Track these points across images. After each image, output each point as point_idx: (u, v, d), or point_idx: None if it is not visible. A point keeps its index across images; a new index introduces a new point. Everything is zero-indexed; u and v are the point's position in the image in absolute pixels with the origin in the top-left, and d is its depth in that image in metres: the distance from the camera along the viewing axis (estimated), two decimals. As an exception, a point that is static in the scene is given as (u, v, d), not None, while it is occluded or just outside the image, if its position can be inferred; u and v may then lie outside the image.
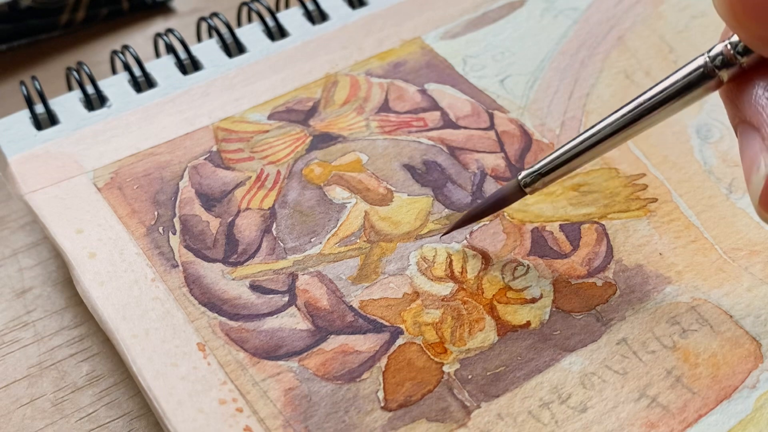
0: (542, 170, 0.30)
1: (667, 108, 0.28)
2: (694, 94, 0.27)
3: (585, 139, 0.29)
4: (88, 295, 0.31)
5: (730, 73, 0.26)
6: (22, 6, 0.45)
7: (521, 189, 0.31)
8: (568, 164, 0.30)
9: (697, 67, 0.27)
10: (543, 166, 0.30)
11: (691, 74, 0.27)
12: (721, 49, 0.26)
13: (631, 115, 0.28)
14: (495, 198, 0.32)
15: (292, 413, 0.28)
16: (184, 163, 0.35)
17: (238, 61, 0.39)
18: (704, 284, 0.32)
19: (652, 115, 0.28)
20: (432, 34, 0.41)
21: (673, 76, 0.27)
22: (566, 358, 0.30)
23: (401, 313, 0.31)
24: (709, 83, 0.27)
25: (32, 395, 0.32)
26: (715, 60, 0.26)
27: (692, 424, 0.28)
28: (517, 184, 0.31)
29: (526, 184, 0.31)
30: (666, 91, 0.27)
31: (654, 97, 0.28)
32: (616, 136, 0.29)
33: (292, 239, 0.33)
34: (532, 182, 0.31)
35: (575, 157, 0.30)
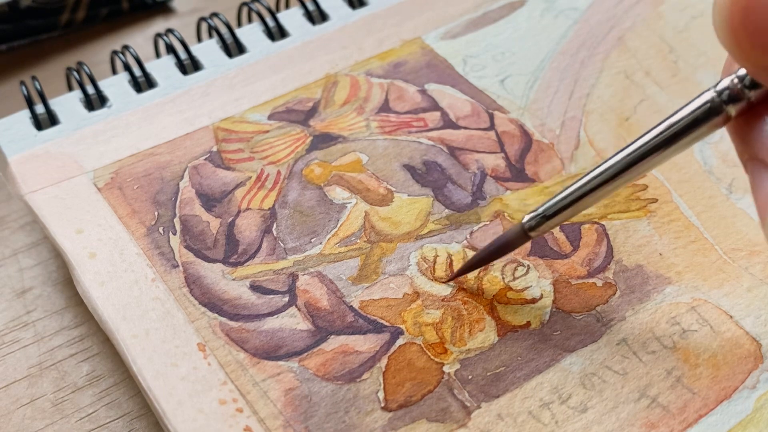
0: (547, 213, 0.29)
1: (674, 147, 0.27)
2: (702, 130, 0.26)
3: (590, 180, 0.28)
4: (89, 295, 0.31)
5: (737, 108, 0.25)
6: (22, 6, 0.45)
7: (525, 233, 0.30)
8: (573, 205, 0.29)
9: (704, 102, 0.26)
10: (548, 208, 0.29)
11: (698, 110, 0.26)
12: (728, 83, 0.25)
13: (636, 154, 0.27)
14: (498, 243, 0.31)
15: (293, 413, 0.28)
16: (185, 163, 0.35)
17: (238, 61, 0.39)
18: (704, 284, 0.32)
19: (658, 154, 0.27)
20: (432, 34, 0.41)
21: (679, 113, 0.26)
22: (566, 358, 0.30)
23: (401, 313, 0.31)
24: (716, 119, 0.26)
25: (32, 395, 0.32)
26: (722, 94, 0.25)
27: (692, 425, 0.28)
28: (521, 228, 0.30)
29: (530, 228, 0.29)
30: (672, 128, 0.26)
31: (660, 135, 0.27)
32: (621, 177, 0.28)
33: (292, 239, 0.33)
34: (537, 225, 0.29)
35: (580, 198, 0.28)
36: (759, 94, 0.25)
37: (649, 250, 0.33)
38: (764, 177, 0.25)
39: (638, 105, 0.38)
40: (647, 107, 0.38)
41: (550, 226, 0.29)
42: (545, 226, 0.29)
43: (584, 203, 0.29)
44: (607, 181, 0.28)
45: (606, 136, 0.36)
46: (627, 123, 0.37)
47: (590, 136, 0.36)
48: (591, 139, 0.36)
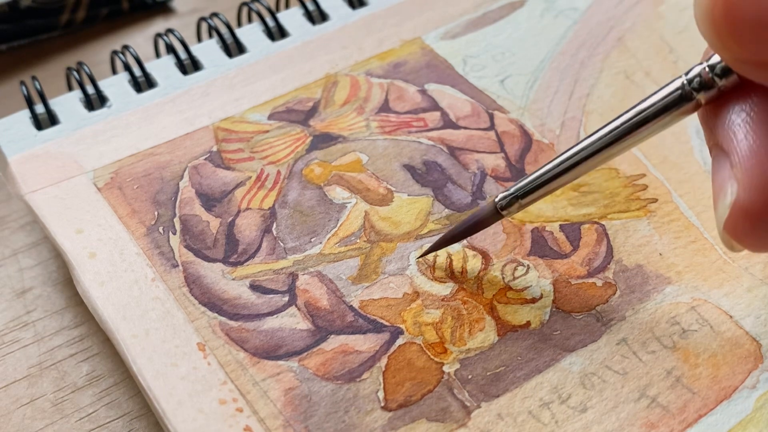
0: (518, 193, 0.30)
1: (645, 130, 0.27)
2: (672, 116, 0.27)
3: (562, 161, 0.29)
4: (88, 295, 0.31)
5: (707, 96, 0.26)
6: (22, 6, 0.45)
7: (498, 211, 0.30)
8: (545, 186, 0.29)
9: (674, 89, 0.26)
10: (519, 188, 0.30)
11: (669, 96, 0.26)
12: (699, 70, 0.26)
13: (608, 137, 0.28)
14: (471, 221, 0.31)
15: (292, 413, 0.28)
16: (184, 163, 0.35)
17: (238, 61, 0.39)
18: (704, 284, 0.32)
19: (629, 137, 0.28)
20: (432, 34, 0.41)
21: (651, 98, 0.27)
22: (566, 358, 0.30)
23: (401, 313, 0.31)
24: (686, 106, 0.26)
25: (32, 395, 0.32)
26: (693, 82, 0.26)
27: (692, 425, 0.28)
28: (494, 206, 0.30)
29: (502, 207, 0.30)
30: (643, 113, 0.27)
31: (631, 120, 0.27)
32: (592, 159, 0.28)
33: (292, 239, 0.33)
34: (508, 205, 0.30)
35: (552, 179, 0.29)
36: (729, 83, 0.25)
37: (649, 250, 0.33)
38: (721, 163, 0.25)
39: (638, 105, 0.38)
40: (647, 107, 0.38)
41: (522, 206, 0.30)
42: (516, 205, 0.30)
43: (555, 184, 0.29)
44: (578, 163, 0.29)
45: (606, 136, 0.36)
46: (627, 123, 0.37)
47: (590, 136, 0.36)
48: (591, 139, 0.36)
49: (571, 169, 0.29)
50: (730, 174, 0.25)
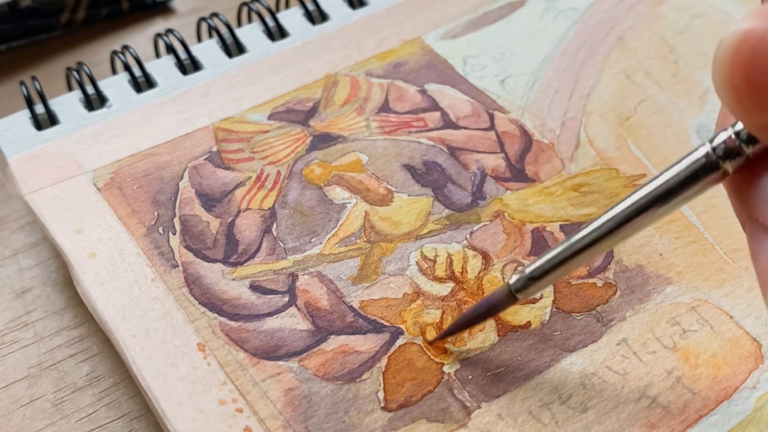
0: (534, 274, 0.27)
1: (667, 206, 0.25)
2: (697, 188, 0.24)
3: (579, 239, 0.26)
4: (88, 295, 0.31)
5: (735, 164, 0.23)
6: (22, 6, 0.45)
7: (513, 295, 0.28)
8: (561, 267, 0.27)
9: (699, 157, 0.24)
10: (534, 270, 0.27)
11: (693, 165, 0.24)
12: (725, 137, 0.23)
13: (627, 212, 0.25)
14: (485, 307, 0.29)
15: (292, 413, 0.28)
16: (184, 163, 0.35)
17: (238, 61, 0.39)
18: (704, 285, 0.32)
19: (650, 213, 0.25)
20: (432, 34, 0.41)
21: (674, 168, 0.24)
22: (566, 358, 0.30)
23: (401, 313, 0.31)
24: (712, 176, 0.23)
25: (32, 395, 0.32)
26: (718, 149, 0.23)
27: (692, 425, 0.28)
28: (509, 289, 0.28)
29: (517, 290, 0.28)
30: (666, 184, 0.24)
31: (653, 192, 0.24)
32: (612, 237, 0.26)
33: (292, 239, 0.33)
34: (523, 287, 0.27)
35: (568, 259, 0.26)
36: (757, 150, 0.23)
37: (649, 250, 0.33)
38: (764, 242, 0.23)
39: (638, 105, 0.38)
40: (647, 107, 0.38)
41: (539, 288, 0.28)
42: (533, 287, 0.28)
43: (573, 264, 0.27)
44: (596, 241, 0.26)
45: (606, 137, 0.36)
46: (627, 123, 0.37)
47: (590, 137, 0.36)
48: (591, 140, 0.36)
49: (591, 247, 0.26)
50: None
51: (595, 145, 0.36)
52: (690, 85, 0.38)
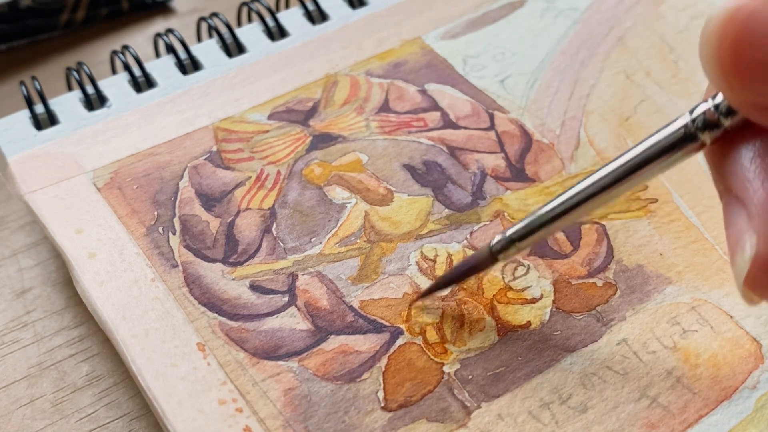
0: (514, 236, 0.28)
1: (647, 171, 0.25)
2: (675, 156, 0.25)
3: (560, 203, 0.27)
4: (88, 295, 0.31)
5: (713, 135, 0.24)
6: (22, 6, 0.44)
7: (493, 256, 0.29)
8: (542, 229, 0.28)
9: (678, 127, 0.24)
10: (515, 232, 0.28)
11: (672, 135, 0.25)
12: (704, 109, 0.24)
13: (609, 178, 0.26)
14: (465, 266, 0.30)
15: (292, 413, 0.28)
16: (184, 163, 0.35)
17: (238, 61, 0.39)
18: (705, 285, 0.32)
19: (630, 178, 0.26)
20: (432, 34, 0.41)
21: (654, 137, 0.25)
22: (566, 358, 0.30)
23: (401, 313, 0.31)
24: (690, 146, 0.24)
25: (32, 395, 0.32)
26: (697, 121, 0.24)
27: (693, 425, 0.28)
28: (489, 251, 0.29)
29: (497, 251, 0.29)
30: (646, 152, 0.25)
31: (633, 159, 0.25)
32: (592, 201, 0.27)
33: (292, 239, 0.33)
34: (503, 248, 0.29)
35: (550, 222, 0.28)
36: (734, 123, 0.23)
37: (649, 250, 0.33)
38: (736, 213, 0.24)
39: (638, 105, 0.38)
40: (647, 107, 0.38)
41: (519, 249, 0.28)
42: (513, 248, 0.28)
43: (553, 227, 0.28)
44: (577, 205, 0.27)
45: (606, 137, 0.36)
46: (627, 123, 0.37)
47: (590, 136, 0.36)
48: (591, 139, 0.36)
49: (570, 212, 0.27)
50: (747, 225, 0.23)
51: (595, 144, 0.36)
52: (690, 85, 0.38)
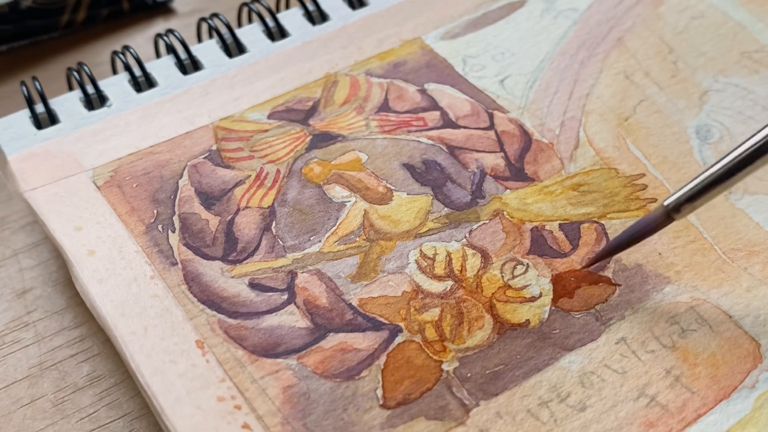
0: (689, 194, 0.29)
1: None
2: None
3: (731, 160, 0.28)
4: (87, 292, 0.31)
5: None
6: (23, 6, 0.45)
7: (668, 215, 0.30)
8: (716, 187, 0.29)
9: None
10: (690, 189, 0.29)
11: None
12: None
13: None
14: (641, 228, 0.31)
15: (291, 411, 0.28)
16: (184, 161, 0.35)
17: (238, 61, 0.39)
18: (703, 284, 0.32)
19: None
20: (432, 34, 0.41)
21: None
22: (565, 356, 0.30)
23: (400, 311, 0.31)
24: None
25: (33, 395, 0.32)
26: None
27: (691, 424, 0.28)
28: (665, 210, 0.30)
29: (673, 209, 0.30)
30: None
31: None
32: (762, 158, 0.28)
33: (291, 237, 0.33)
34: (677, 207, 0.30)
35: (721, 179, 0.29)
36: None
37: (648, 250, 0.33)
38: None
39: (638, 105, 0.38)
40: (647, 107, 0.38)
41: (694, 207, 0.29)
42: (688, 207, 0.29)
43: (726, 184, 0.29)
44: (748, 161, 0.28)
45: (605, 136, 0.36)
46: (626, 123, 0.37)
47: (590, 136, 0.36)
48: (590, 139, 0.36)
49: (742, 169, 0.28)
50: None
51: (595, 144, 0.36)
52: (689, 85, 0.38)
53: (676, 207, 0.30)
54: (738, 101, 0.38)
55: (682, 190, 0.29)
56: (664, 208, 0.30)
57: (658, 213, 0.30)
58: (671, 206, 0.30)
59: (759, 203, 0.34)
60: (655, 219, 0.30)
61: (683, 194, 0.29)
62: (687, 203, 0.29)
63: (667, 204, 0.30)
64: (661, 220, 0.30)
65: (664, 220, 0.30)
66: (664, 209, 0.30)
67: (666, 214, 0.30)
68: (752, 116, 0.37)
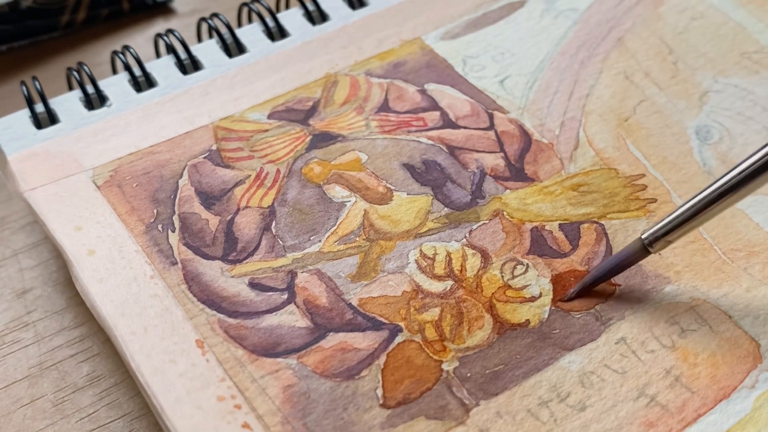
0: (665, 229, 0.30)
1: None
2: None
3: (706, 196, 0.29)
4: (87, 291, 0.31)
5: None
6: (23, 6, 0.45)
7: (645, 249, 0.30)
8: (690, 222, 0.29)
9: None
10: (665, 225, 0.30)
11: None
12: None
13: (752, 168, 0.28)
14: (620, 261, 0.31)
15: (291, 410, 0.28)
16: (184, 161, 0.35)
17: (238, 61, 0.39)
18: (703, 284, 0.32)
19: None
20: (432, 34, 0.41)
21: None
22: (565, 356, 0.30)
23: (400, 310, 0.31)
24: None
25: (33, 395, 0.32)
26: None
27: (691, 424, 0.28)
28: (641, 244, 0.30)
29: (649, 243, 0.30)
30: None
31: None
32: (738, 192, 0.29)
33: (291, 237, 0.33)
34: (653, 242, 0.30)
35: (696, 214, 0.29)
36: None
37: (648, 250, 0.33)
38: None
39: (638, 105, 0.38)
40: (647, 108, 0.38)
41: (668, 242, 0.30)
42: (662, 242, 0.30)
43: (700, 219, 0.29)
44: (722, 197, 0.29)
45: (605, 137, 0.36)
46: (626, 123, 0.37)
47: (589, 137, 0.36)
48: (590, 140, 0.36)
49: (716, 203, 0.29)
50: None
51: (595, 145, 0.36)
52: (689, 86, 0.38)
53: (651, 241, 0.30)
54: (738, 102, 0.38)
55: (658, 225, 0.30)
56: (641, 242, 0.30)
57: (635, 247, 0.31)
58: (647, 241, 0.30)
59: (759, 203, 0.34)
60: (632, 253, 0.31)
61: (659, 228, 0.30)
62: (662, 238, 0.30)
63: (644, 238, 0.30)
64: (638, 254, 0.31)
65: (642, 253, 0.30)
66: (640, 243, 0.30)
67: (643, 248, 0.30)
68: (752, 117, 0.37)
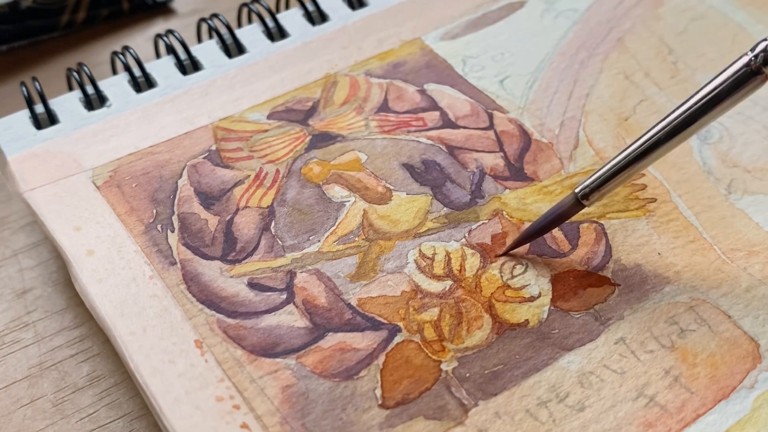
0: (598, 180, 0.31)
1: (716, 110, 0.29)
2: (741, 93, 0.29)
3: (638, 146, 0.30)
4: (86, 292, 0.31)
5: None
6: (23, 7, 0.45)
7: (579, 202, 0.31)
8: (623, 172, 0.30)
9: (742, 65, 0.28)
10: (598, 176, 0.31)
11: (738, 73, 0.28)
12: (765, 46, 0.28)
13: (679, 121, 0.29)
14: (553, 214, 0.32)
15: (290, 410, 0.28)
16: (183, 161, 0.35)
17: (238, 62, 0.39)
18: (703, 284, 0.32)
19: (703, 118, 0.29)
20: (432, 34, 0.41)
21: (718, 78, 0.29)
22: (564, 357, 0.30)
23: (399, 310, 0.31)
24: (755, 80, 0.28)
25: (33, 396, 0.32)
26: (759, 57, 0.28)
27: (690, 424, 0.28)
28: (575, 197, 0.31)
29: (584, 196, 0.31)
30: (713, 93, 0.29)
31: (703, 101, 0.29)
32: (665, 145, 0.30)
33: (290, 237, 0.33)
34: (588, 194, 0.31)
35: (628, 165, 0.30)
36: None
37: (647, 250, 0.33)
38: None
39: (637, 105, 0.38)
40: (646, 108, 0.38)
41: (602, 193, 0.31)
42: (597, 193, 0.31)
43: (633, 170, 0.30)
44: (652, 149, 0.30)
45: (605, 136, 0.36)
46: (626, 123, 0.37)
47: (589, 136, 0.36)
48: (590, 139, 0.36)
49: (646, 156, 0.30)
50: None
51: (594, 144, 0.36)
52: (689, 86, 0.38)
53: (585, 194, 0.31)
54: (737, 102, 0.38)
55: (591, 177, 0.31)
56: (574, 194, 0.31)
57: (568, 199, 0.31)
58: (580, 193, 0.31)
59: (759, 203, 0.34)
60: (565, 205, 0.32)
61: (592, 181, 0.31)
62: (596, 190, 0.31)
63: (577, 191, 0.31)
64: (571, 205, 0.31)
65: (575, 205, 0.31)
66: (574, 196, 0.31)
67: (576, 201, 0.31)
68: (752, 116, 0.37)
